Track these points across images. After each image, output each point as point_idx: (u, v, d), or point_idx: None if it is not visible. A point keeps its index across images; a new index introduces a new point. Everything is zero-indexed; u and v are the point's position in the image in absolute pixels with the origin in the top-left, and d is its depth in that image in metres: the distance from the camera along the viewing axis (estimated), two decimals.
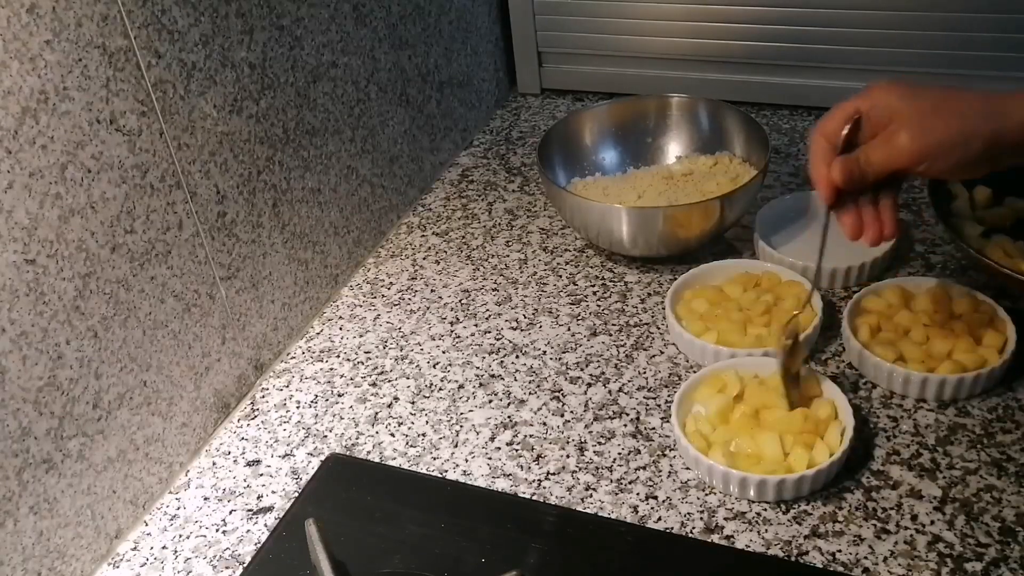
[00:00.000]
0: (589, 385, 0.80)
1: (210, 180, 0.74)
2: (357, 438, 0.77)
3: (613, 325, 0.86)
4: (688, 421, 0.72)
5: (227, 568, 0.68)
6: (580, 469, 0.72)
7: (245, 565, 0.67)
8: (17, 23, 0.57)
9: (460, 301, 0.91)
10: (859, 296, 0.80)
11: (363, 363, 0.85)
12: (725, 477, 0.67)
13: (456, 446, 0.75)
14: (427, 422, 0.78)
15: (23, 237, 0.59)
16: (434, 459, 0.75)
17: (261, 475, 0.75)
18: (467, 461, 0.74)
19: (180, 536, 0.71)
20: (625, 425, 0.75)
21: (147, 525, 0.72)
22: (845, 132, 0.66)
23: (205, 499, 0.74)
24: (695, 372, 0.76)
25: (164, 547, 0.70)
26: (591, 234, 0.91)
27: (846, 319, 0.78)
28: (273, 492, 0.73)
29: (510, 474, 0.73)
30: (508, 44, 1.23)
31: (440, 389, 0.81)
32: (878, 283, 0.82)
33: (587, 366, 0.82)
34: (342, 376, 0.84)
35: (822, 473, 0.67)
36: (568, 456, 0.73)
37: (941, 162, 0.63)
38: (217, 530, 0.71)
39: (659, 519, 0.68)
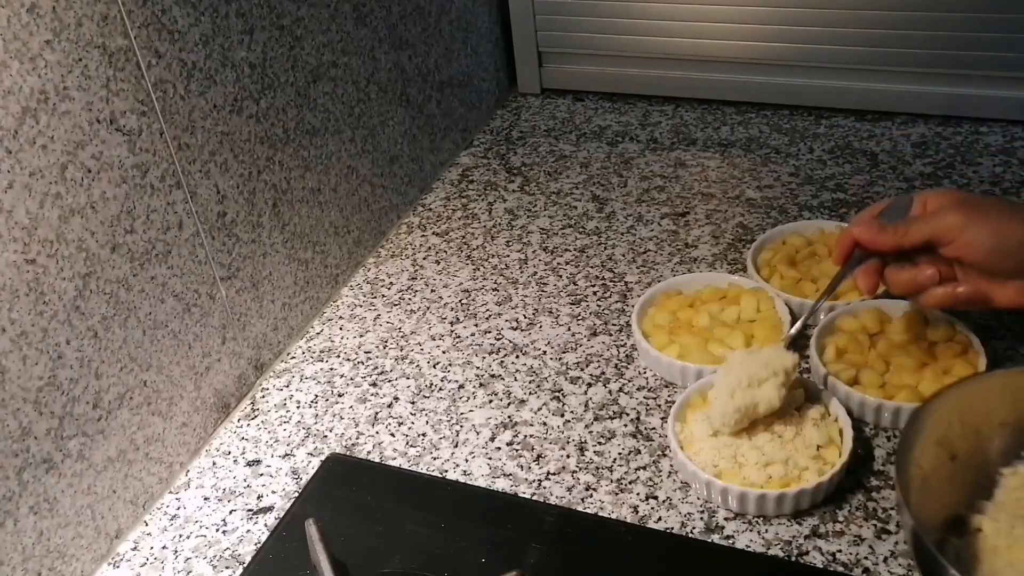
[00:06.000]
0: (589, 385, 0.80)
1: (210, 180, 0.74)
2: (357, 438, 0.77)
3: (613, 325, 0.85)
4: (685, 434, 0.71)
5: (227, 568, 0.68)
6: (580, 469, 0.72)
7: (245, 565, 0.67)
8: (17, 23, 0.57)
9: (460, 301, 0.91)
10: (835, 315, 0.78)
11: (363, 363, 0.85)
12: (724, 492, 0.66)
13: (456, 446, 0.75)
14: (427, 422, 0.78)
15: (23, 237, 0.59)
16: (434, 459, 0.75)
17: (261, 475, 0.75)
18: (467, 461, 0.74)
19: (180, 536, 0.71)
20: (625, 425, 0.75)
21: (147, 525, 0.72)
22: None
23: (205, 499, 0.74)
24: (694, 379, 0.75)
25: (164, 547, 0.70)
26: None
27: (815, 337, 0.76)
28: (273, 492, 0.73)
29: (510, 474, 0.73)
30: (508, 44, 1.23)
31: (440, 389, 0.81)
32: (858, 303, 0.79)
33: (587, 366, 0.82)
34: (342, 376, 0.84)
35: (822, 487, 0.66)
36: (568, 456, 0.73)
37: (977, 242, 0.65)
38: (217, 530, 0.71)
39: (659, 519, 0.68)
